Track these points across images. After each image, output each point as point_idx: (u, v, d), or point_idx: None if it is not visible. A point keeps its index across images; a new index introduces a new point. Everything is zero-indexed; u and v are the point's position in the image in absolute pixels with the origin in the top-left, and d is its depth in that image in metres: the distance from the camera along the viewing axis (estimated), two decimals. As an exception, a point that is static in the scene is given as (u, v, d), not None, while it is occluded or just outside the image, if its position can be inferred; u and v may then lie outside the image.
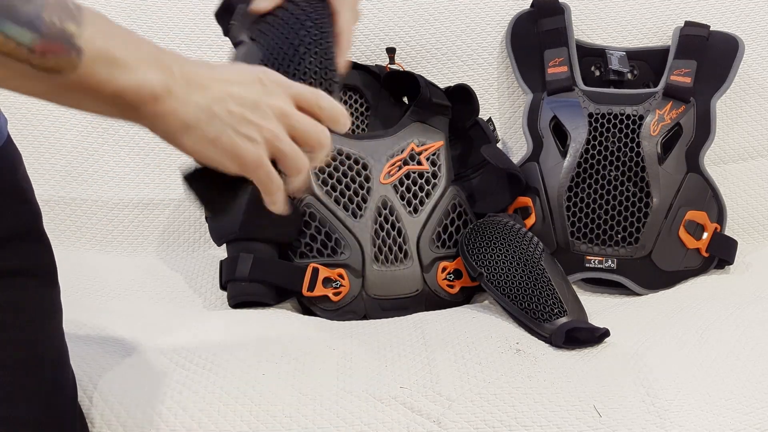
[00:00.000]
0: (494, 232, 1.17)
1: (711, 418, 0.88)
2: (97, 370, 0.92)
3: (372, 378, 0.93)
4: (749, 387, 0.92)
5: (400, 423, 0.88)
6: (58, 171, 1.39)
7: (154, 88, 0.54)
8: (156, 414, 0.87)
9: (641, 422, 0.88)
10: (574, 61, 1.36)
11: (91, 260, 1.33)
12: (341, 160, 1.23)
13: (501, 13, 1.46)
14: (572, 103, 1.31)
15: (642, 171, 1.24)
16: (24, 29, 0.48)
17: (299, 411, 0.88)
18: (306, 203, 1.20)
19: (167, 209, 1.41)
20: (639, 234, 1.23)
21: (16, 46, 0.48)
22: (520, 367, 0.95)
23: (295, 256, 1.19)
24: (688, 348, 1.00)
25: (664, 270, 1.25)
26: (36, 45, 0.49)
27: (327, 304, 1.17)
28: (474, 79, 1.45)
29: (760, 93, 1.42)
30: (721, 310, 1.10)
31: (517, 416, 0.88)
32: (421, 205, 1.24)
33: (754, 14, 1.45)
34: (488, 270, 1.14)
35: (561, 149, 1.29)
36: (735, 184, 1.40)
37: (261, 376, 0.92)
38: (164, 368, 0.93)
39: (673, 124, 1.27)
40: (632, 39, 1.45)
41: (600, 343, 1.02)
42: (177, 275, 1.30)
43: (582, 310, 1.11)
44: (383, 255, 1.19)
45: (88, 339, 0.97)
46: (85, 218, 1.39)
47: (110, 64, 0.52)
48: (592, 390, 0.91)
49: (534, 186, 1.29)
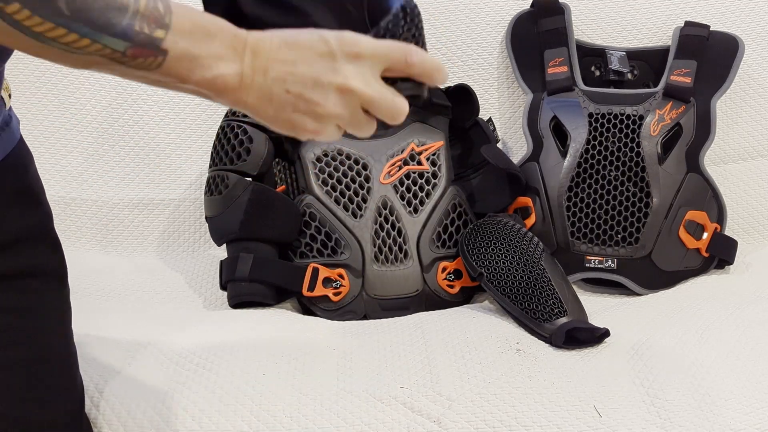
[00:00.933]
0: (494, 232, 1.17)
1: (711, 418, 0.88)
2: (98, 369, 0.92)
3: (372, 378, 0.93)
4: (749, 387, 0.92)
5: (400, 423, 0.88)
6: (59, 172, 1.39)
7: (226, 81, 0.59)
8: (156, 414, 0.87)
9: (641, 422, 0.88)
10: (574, 61, 1.36)
11: (91, 260, 1.33)
12: (341, 160, 1.23)
13: (501, 13, 1.46)
14: (572, 103, 1.31)
15: (642, 171, 1.24)
16: (118, 39, 0.55)
17: (299, 411, 0.88)
18: (306, 203, 1.20)
19: (167, 209, 1.41)
20: (639, 234, 1.23)
21: (111, 52, 0.56)
22: (520, 367, 0.95)
23: (295, 256, 1.19)
24: (688, 348, 1.00)
25: (664, 270, 1.25)
26: (128, 51, 0.56)
27: (327, 304, 1.17)
28: (474, 79, 1.45)
29: (760, 93, 1.42)
30: (721, 310, 1.10)
31: (517, 416, 0.88)
32: (421, 205, 1.24)
33: (754, 14, 1.45)
34: (488, 270, 1.14)
35: (561, 149, 1.29)
36: (735, 184, 1.40)
37: (261, 375, 0.92)
38: (165, 368, 0.93)
39: (673, 124, 1.27)
40: (632, 39, 1.45)
41: (600, 343, 1.02)
42: (177, 275, 1.30)
43: (582, 310, 1.11)
44: (383, 255, 1.20)
45: (88, 339, 0.97)
46: (85, 218, 1.39)
47: (190, 61, 0.58)
48: (592, 390, 0.91)
49: (534, 186, 1.29)
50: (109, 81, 1.41)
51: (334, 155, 1.23)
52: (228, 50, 0.59)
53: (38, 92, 1.41)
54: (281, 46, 0.60)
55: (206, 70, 0.58)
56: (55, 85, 1.42)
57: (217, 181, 1.20)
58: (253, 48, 0.60)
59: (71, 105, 1.41)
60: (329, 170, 1.22)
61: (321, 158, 1.23)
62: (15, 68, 1.40)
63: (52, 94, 1.42)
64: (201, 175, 1.41)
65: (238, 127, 1.22)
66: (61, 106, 1.41)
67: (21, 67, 1.41)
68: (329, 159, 1.23)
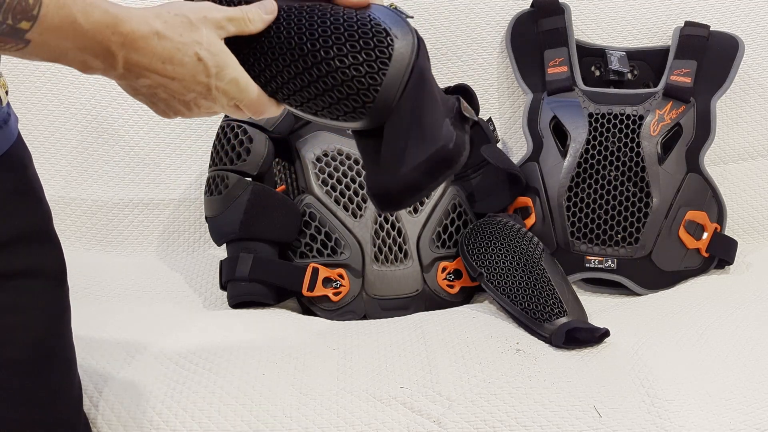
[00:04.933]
0: (494, 232, 1.17)
1: (711, 418, 0.88)
2: (98, 369, 0.92)
3: (372, 378, 0.93)
4: (749, 387, 0.92)
5: (400, 423, 0.88)
6: (59, 171, 1.39)
7: (90, 70, 0.63)
8: (156, 414, 0.87)
9: (641, 422, 0.88)
10: (574, 61, 1.36)
11: (91, 260, 1.33)
12: (341, 160, 1.23)
13: (501, 13, 1.46)
14: (572, 103, 1.31)
15: (642, 171, 1.24)
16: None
17: (299, 411, 0.88)
18: (306, 203, 1.20)
19: (167, 209, 1.41)
20: (639, 234, 1.23)
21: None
22: (520, 367, 0.95)
23: (295, 256, 1.19)
24: (688, 348, 1.00)
25: (664, 270, 1.25)
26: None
27: (327, 304, 1.17)
28: (474, 79, 1.46)
29: (760, 93, 1.42)
30: (721, 310, 1.10)
31: (517, 416, 0.88)
32: (421, 205, 1.24)
33: (754, 14, 1.45)
34: (488, 270, 1.14)
35: (561, 149, 1.29)
36: (735, 184, 1.40)
37: (261, 375, 0.92)
38: (165, 368, 0.93)
39: (673, 124, 1.27)
40: (632, 39, 1.45)
41: (600, 343, 1.02)
42: (177, 275, 1.30)
43: (582, 310, 1.11)
44: (383, 255, 1.20)
45: (87, 338, 0.97)
46: (85, 218, 1.39)
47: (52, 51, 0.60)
48: (592, 390, 0.91)
49: (534, 186, 1.29)
50: (109, 81, 1.40)
51: (334, 155, 1.23)
52: (98, 47, 0.60)
53: (38, 92, 1.41)
54: (163, 59, 0.63)
55: (70, 61, 0.61)
56: (55, 84, 1.41)
57: (217, 181, 1.20)
58: (131, 47, 0.61)
59: (70, 105, 1.41)
60: (329, 170, 1.22)
61: (321, 158, 1.23)
62: (15, 68, 1.40)
63: (52, 93, 1.42)
64: (201, 175, 1.41)
65: (238, 127, 1.22)
66: (60, 106, 1.41)
67: (21, 67, 1.41)
68: (329, 159, 1.23)
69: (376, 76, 0.65)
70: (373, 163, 0.69)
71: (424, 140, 0.68)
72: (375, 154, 0.68)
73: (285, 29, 0.66)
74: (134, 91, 0.66)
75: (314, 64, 0.65)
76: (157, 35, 0.62)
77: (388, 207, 0.70)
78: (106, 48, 0.61)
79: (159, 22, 0.62)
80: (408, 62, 0.66)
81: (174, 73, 0.63)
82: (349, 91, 0.65)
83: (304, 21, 0.66)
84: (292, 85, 0.67)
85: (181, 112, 0.68)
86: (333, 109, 0.67)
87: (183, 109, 0.67)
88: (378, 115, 0.66)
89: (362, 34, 0.65)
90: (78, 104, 1.42)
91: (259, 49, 0.67)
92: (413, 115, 0.67)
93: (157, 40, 0.62)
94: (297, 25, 0.66)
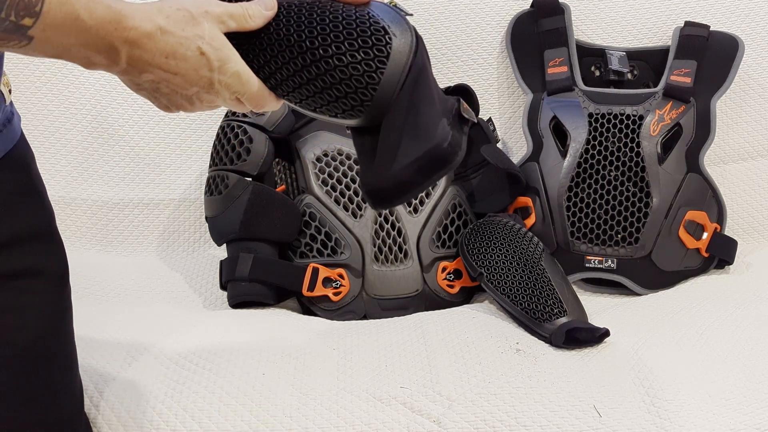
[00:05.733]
0: (494, 232, 1.17)
1: (711, 418, 0.88)
2: (98, 369, 0.92)
3: (372, 378, 0.93)
4: (749, 387, 0.92)
5: (400, 423, 0.88)
6: (59, 171, 1.39)
7: (93, 66, 0.63)
8: (156, 414, 0.87)
9: (641, 422, 0.88)
10: (574, 61, 1.36)
11: (91, 260, 1.33)
12: (341, 160, 1.23)
13: (501, 13, 1.46)
14: (572, 103, 1.31)
15: (642, 171, 1.24)
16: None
17: (299, 411, 0.88)
18: (306, 203, 1.20)
19: (167, 209, 1.41)
20: (639, 234, 1.23)
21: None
22: (520, 367, 0.95)
23: (295, 256, 1.20)
24: (688, 348, 1.00)
25: (664, 270, 1.25)
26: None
27: (327, 304, 1.17)
28: (474, 79, 1.46)
29: (760, 93, 1.42)
30: (721, 310, 1.10)
31: (517, 416, 0.88)
32: (421, 205, 1.24)
33: (754, 14, 1.45)
34: (488, 270, 1.14)
35: (561, 149, 1.29)
36: (735, 184, 1.40)
37: (261, 375, 0.92)
38: (165, 368, 0.93)
39: (673, 124, 1.27)
40: (632, 39, 1.45)
41: (600, 343, 1.02)
42: (177, 275, 1.30)
43: (582, 310, 1.11)
44: (383, 255, 1.20)
45: (88, 338, 0.97)
46: (85, 218, 1.39)
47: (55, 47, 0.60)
48: (592, 390, 0.91)
49: (534, 186, 1.29)
50: (110, 80, 1.41)
51: (334, 155, 1.23)
52: (101, 44, 0.60)
53: (38, 92, 1.41)
54: (166, 54, 0.63)
55: (73, 57, 0.61)
56: (55, 84, 1.41)
57: (217, 181, 1.20)
58: (134, 43, 0.61)
59: (71, 104, 1.41)
60: (329, 170, 1.22)
61: (321, 158, 1.23)
62: (15, 67, 1.40)
63: (52, 93, 1.42)
64: (201, 175, 1.41)
65: (238, 127, 1.22)
66: (61, 106, 1.41)
67: (21, 67, 1.41)
68: (329, 159, 1.23)
69: (374, 75, 0.65)
70: (367, 160, 0.69)
71: (418, 138, 0.68)
72: (370, 151, 0.68)
73: (284, 26, 0.66)
74: (137, 86, 0.66)
75: (312, 62, 0.65)
76: (160, 30, 0.62)
77: (381, 204, 0.71)
78: (110, 44, 0.61)
79: (162, 17, 0.62)
80: (405, 61, 0.65)
81: (177, 68, 0.63)
82: (347, 90, 0.65)
83: (303, 18, 0.66)
84: (291, 82, 0.67)
85: (183, 106, 0.68)
86: (332, 107, 0.67)
87: (185, 104, 0.67)
88: (375, 113, 0.66)
89: (360, 32, 0.65)
90: (78, 104, 1.42)
91: (259, 45, 0.67)
92: (409, 113, 0.67)
93: (161, 35, 0.62)
94: (296, 23, 0.66)
